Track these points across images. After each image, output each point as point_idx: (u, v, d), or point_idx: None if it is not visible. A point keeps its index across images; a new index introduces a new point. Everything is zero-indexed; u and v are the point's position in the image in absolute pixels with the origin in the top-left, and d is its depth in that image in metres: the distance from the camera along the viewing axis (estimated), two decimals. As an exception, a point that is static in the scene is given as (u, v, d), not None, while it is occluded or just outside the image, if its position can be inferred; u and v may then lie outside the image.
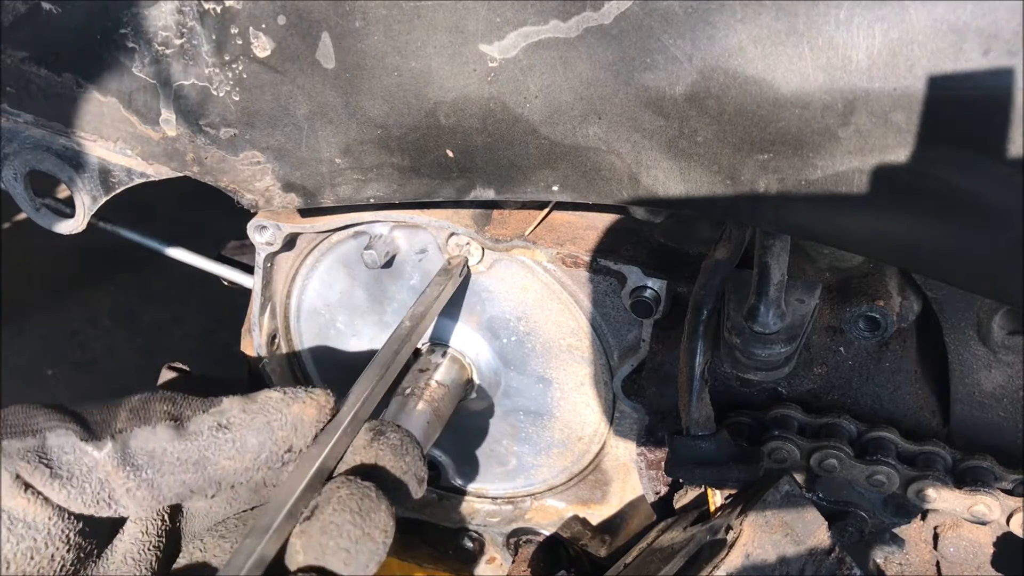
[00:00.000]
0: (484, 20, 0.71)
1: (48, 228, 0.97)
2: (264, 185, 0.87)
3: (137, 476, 0.63)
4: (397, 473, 0.68)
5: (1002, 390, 1.01)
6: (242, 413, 0.65)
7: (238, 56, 0.78)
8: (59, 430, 0.62)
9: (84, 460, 0.61)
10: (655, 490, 1.16)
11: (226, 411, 0.66)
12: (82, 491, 0.61)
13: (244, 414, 0.65)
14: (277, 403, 0.66)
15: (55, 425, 0.62)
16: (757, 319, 0.87)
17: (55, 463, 0.60)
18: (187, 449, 0.63)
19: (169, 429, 0.64)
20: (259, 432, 0.65)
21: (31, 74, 0.83)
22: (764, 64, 0.66)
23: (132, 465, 0.62)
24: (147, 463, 0.63)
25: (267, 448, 0.66)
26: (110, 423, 0.65)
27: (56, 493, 0.60)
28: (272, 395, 0.67)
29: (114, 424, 0.65)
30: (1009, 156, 0.62)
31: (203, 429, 0.65)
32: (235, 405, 0.66)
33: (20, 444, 0.59)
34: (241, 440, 0.65)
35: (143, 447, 0.63)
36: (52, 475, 0.60)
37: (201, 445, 0.64)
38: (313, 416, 0.67)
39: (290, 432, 0.66)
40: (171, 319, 2.77)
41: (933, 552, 1.13)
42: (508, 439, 1.22)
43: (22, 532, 0.58)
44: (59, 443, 0.61)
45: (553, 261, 1.02)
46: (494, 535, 1.31)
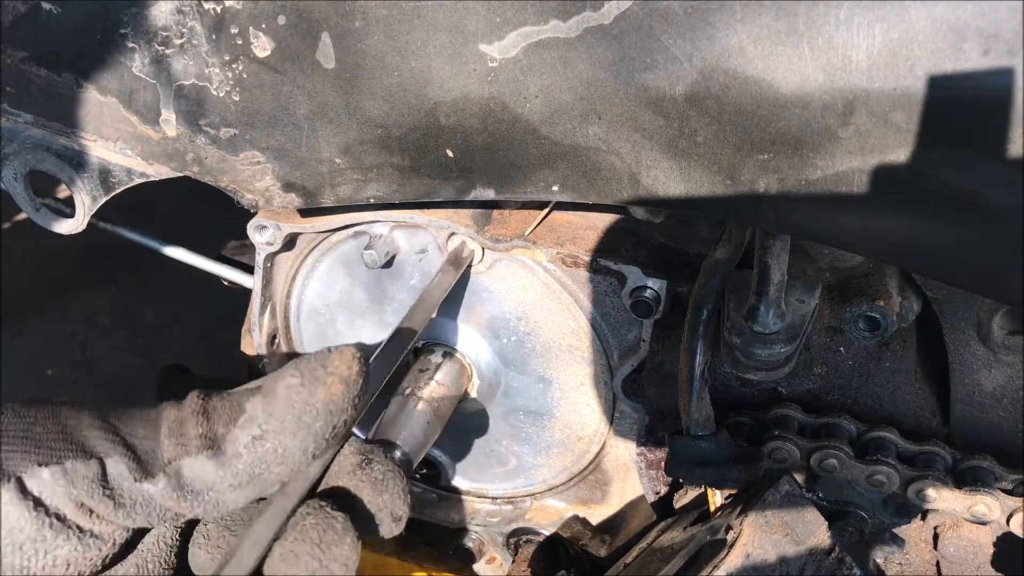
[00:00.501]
0: (484, 20, 0.71)
1: (48, 228, 0.97)
2: (264, 185, 0.87)
3: (201, 501, 0.64)
4: (372, 508, 0.67)
5: (1002, 390, 1.01)
6: (270, 418, 0.64)
7: (238, 56, 0.78)
8: (115, 457, 0.62)
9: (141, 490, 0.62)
10: (655, 490, 1.16)
11: (254, 419, 0.64)
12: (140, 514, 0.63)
13: (272, 418, 0.64)
14: (299, 393, 0.64)
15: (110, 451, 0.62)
16: (757, 319, 0.87)
17: (115, 492, 0.62)
18: (236, 474, 0.64)
19: (210, 460, 0.63)
20: (295, 433, 0.64)
21: (31, 74, 0.83)
22: (764, 64, 0.66)
23: (192, 492, 0.63)
24: (203, 489, 0.63)
25: (309, 443, 0.64)
26: (157, 452, 0.64)
27: (119, 519, 0.62)
28: (291, 382, 0.64)
29: (160, 453, 0.64)
30: (1009, 156, 0.62)
31: (240, 449, 0.64)
32: (259, 410, 0.64)
33: (84, 470, 0.60)
34: (282, 447, 0.64)
35: (196, 475, 0.63)
36: (116, 506, 0.61)
37: (247, 464, 0.64)
38: (341, 392, 0.65)
39: (325, 420, 0.64)
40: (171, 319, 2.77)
41: (933, 552, 1.13)
42: (508, 439, 1.22)
43: (90, 542, 0.60)
44: (119, 471, 0.62)
45: (553, 261, 1.02)
46: (494, 535, 1.31)
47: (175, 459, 0.63)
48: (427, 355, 1.13)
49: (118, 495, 0.62)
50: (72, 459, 0.60)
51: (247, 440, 0.63)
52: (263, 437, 0.63)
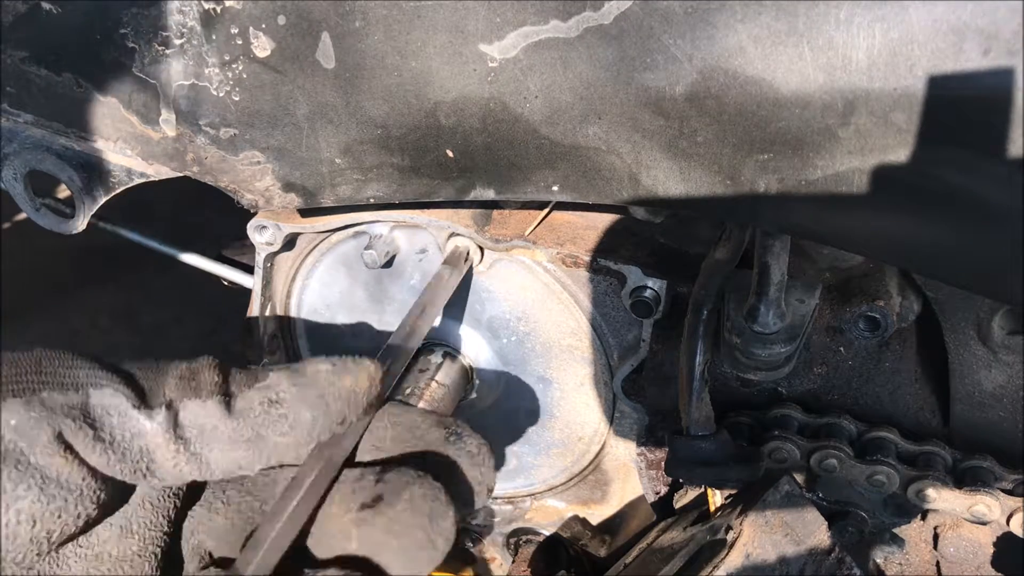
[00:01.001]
0: (484, 20, 0.71)
1: (48, 228, 0.97)
2: (264, 185, 0.87)
3: (187, 451, 0.59)
4: (473, 483, 0.64)
5: (1002, 390, 1.01)
6: (292, 387, 0.62)
7: (238, 56, 0.78)
8: (107, 389, 0.58)
9: (130, 426, 0.58)
10: (655, 490, 1.16)
11: (274, 385, 0.62)
12: (122, 458, 0.58)
13: (295, 388, 0.62)
14: (328, 375, 0.63)
15: (102, 382, 0.59)
16: (757, 319, 0.87)
17: (99, 424, 0.57)
18: (239, 427, 0.60)
19: (220, 405, 0.60)
20: (313, 406, 0.62)
21: (31, 74, 0.83)
22: (764, 64, 0.66)
23: (182, 439, 0.59)
24: (197, 438, 0.60)
25: (320, 422, 0.62)
26: (159, 390, 0.61)
27: (96, 457, 0.57)
28: (321, 367, 0.63)
29: (163, 391, 0.61)
30: (1009, 156, 0.62)
31: (254, 405, 0.61)
32: (283, 379, 0.62)
33: (63, 399, 0.56)
34: (295, 415, 0.61)
35: (194, 421, 0.60)
36: (95, 437, 0.57)
37: (254, 422, 0.61)
38: (365, 387, 0.64)
39: (343, 405, 0.63)
40: (171, 319, 2.77)
41: (933, 552, 1.13)
42: (508, 439, 1.22)
43: (54, 492, 0.55)
44: (105, 403, 0.58)
45: (553, 261, 1.02)
46: (494, 535, 1.31)
47: (178, 399, 0.60)
48: (427, 355, 1.13)
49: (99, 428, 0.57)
50: (49, 391, 0.56)
51: (261, 399, 0.61)
52: (279, 402, 0.61)
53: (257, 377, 0.63)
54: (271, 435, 0.61)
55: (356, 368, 0.64)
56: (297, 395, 0.61)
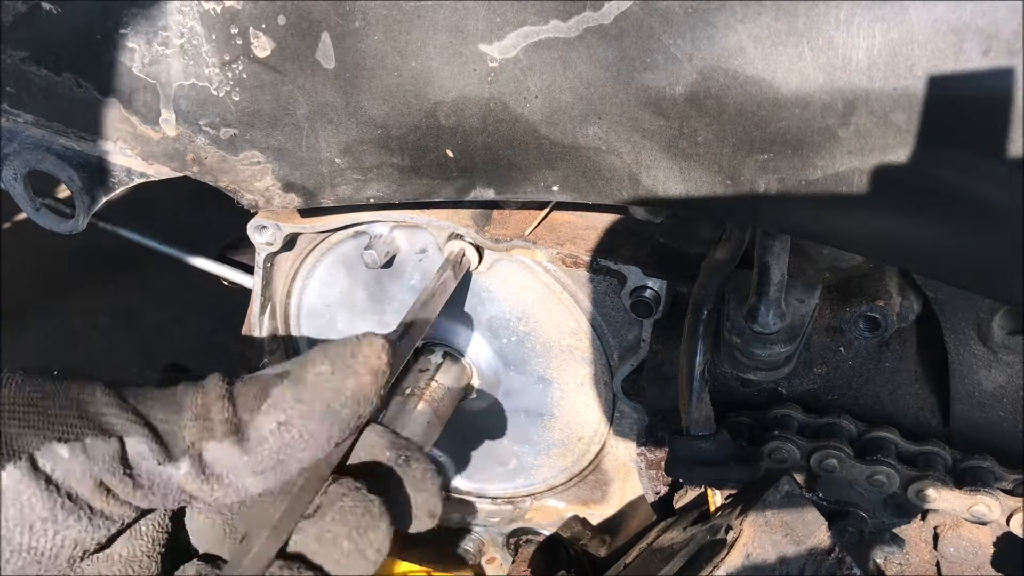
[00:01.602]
0: (484, 20, 0.71)
1: (48, 228, 0.97)
2: (264, 185, 0.87)
3: (220, 484, 0.63)
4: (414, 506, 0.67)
5: (1002, 390, 1.01)
6: (298, 404, 0.63)
7: (238, 56, 0.78)
8: (138, 439, 0.61)
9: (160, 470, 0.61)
10: (655, 490, 1.16)
11: (280, 405, 0.63)
12: (155, 495, 0.62)
13: (301, 404, 0.63)
14: (329, 381, 0.63)
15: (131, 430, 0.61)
16: (757, 319, 0.87)
17: (136, 471, 0.61)
18: (259, 461, 0.63)
19: (235, 445, 0.62)
20: (323, 420, 0.63)
21: (31, 74, 0.83)
22: (764, 64, 0.66)
23: (214, 475, 0.62)
24: (226, 471, 0.63)
25: (335, 431, 0.64)
26: (180, 434, 0.63)
27: (137, 499, 0.61)
28: (321, 370, 0.64)
29: (184, 436, 0.63)
30: (1009, 156, 0.62)
31: (265, 434, 0.63)
32: (287, 396, 0.63)
33: (105, 447, 0.59)
34: (308, 433, 0.63)
35: (218, 458, 0.62)
36: (135, 485, 0.60)
37: (270, 451, 0.63)
38: (369, 382, 0.64)
39: (352, 408, 0.64)
40: (171, 319, 2.77)
41: (933, 552, 1.13)
42: (508, 439, 1.22)
43: (100, 523, 0.60)
44: (139, 450, 0.61)
45: (553, 261, 1.02)
46: (494, 535, 1.31)
47: (198, 442, 0.62)
48: (427, 355, 1.13)
49: (137, 475, 0.60)
50: (92, 437, 0.59)
51: (272, 426, 0.63)
52: (289, 423, 0.62)
53: (262, 393, 0.64)
54: (292, 456, 0.63)
55: (358, 367, 0.64)
56: (305, 411, 0.63)
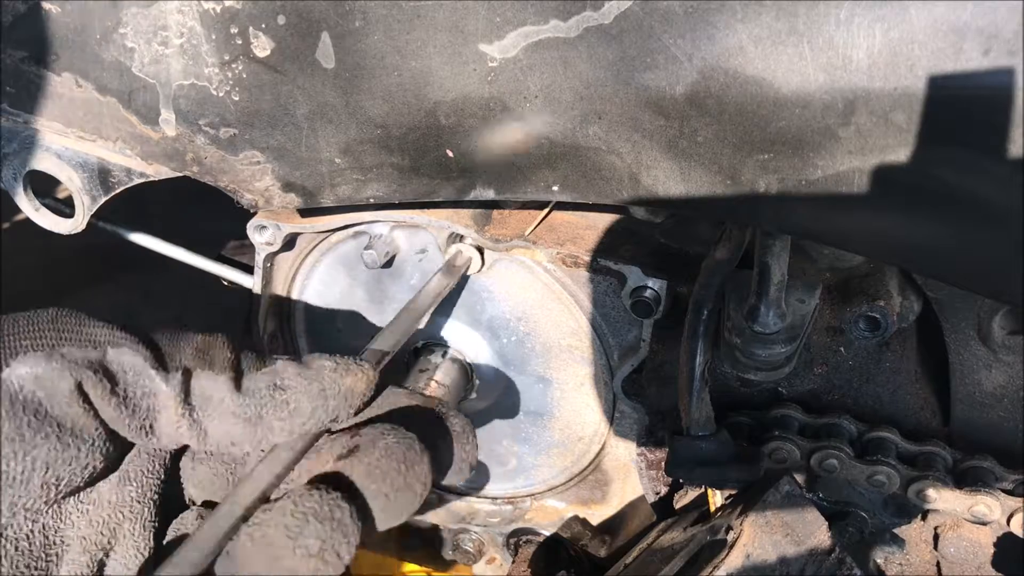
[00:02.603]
0: (484, 20, 0.71)
1: (48, 228, 0.97)
2: (264, 185, 0.87)
3: (190, 417, 0.63)
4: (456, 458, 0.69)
5: (1002, 390, 1.01)
6: (297, 377, 0.65)
7: (238, 56, 0.77)
8: (125, 348, 0.61)
9: (143, 384, 0.61)
10: (655, 490, 1.16)
11: (281, 372, 0.66)
12: (131, 414, 0.61)
13: (300, 378, 0.65)
14: (331, 372, 0.66)
15: (120, 342, 0.62)
16: (757, 319, 0.87)
17: (115, 380, 0.60)
18: (244, 405, 0.64)
19: (230, 381, 0.64)
20: (313, 398, 0.65)
21: (31, 74, 0.83)
22: (764, 64, 0.66)
23: (189, 405, 0.63)
24: (202, 407, 0.63)
25: (317, 415, 0.66)
26: (176, 356, 0.65)
27: (110, 411, 0.60)
28: (325, 363, 0.67)
29: (180, 359, 0.65)
30: (1009, 156, 0.62)
31: (260, 387, 0.65)
32: (290, 368, 0.66)
33: (82, 353, 0.59)
34: (296, 403, 0.65)
35: (203, 391, 0.63)
36: (112, 391, 0.60)
37: (258, 403, 0.64)
38: (362, 389, 0.68)
39: (338, 403, 0.66)
40: (171, 319, 2.76)
41: (933, 552, 1.13)
42: (508, 439, 1.22)
43: (68, 441, 0.58)
44: (122, 361, 0.61)
45: (553, 261, 1.02)
46: (494, 535, 1.31)
47: (192, 367, 0.64)
48: (427, 355, 1.13)
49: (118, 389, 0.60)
50: (69, 345, 0.59)
51: (267, 382, 0.65)
52: (283, 388, 0.65)
53: (265, 362, 0.68)
54: (270, 417, 0.64)
55: (356, 370, 0.67)
56: (301, 386, 0.65)
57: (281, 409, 0.64)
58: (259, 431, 0.65)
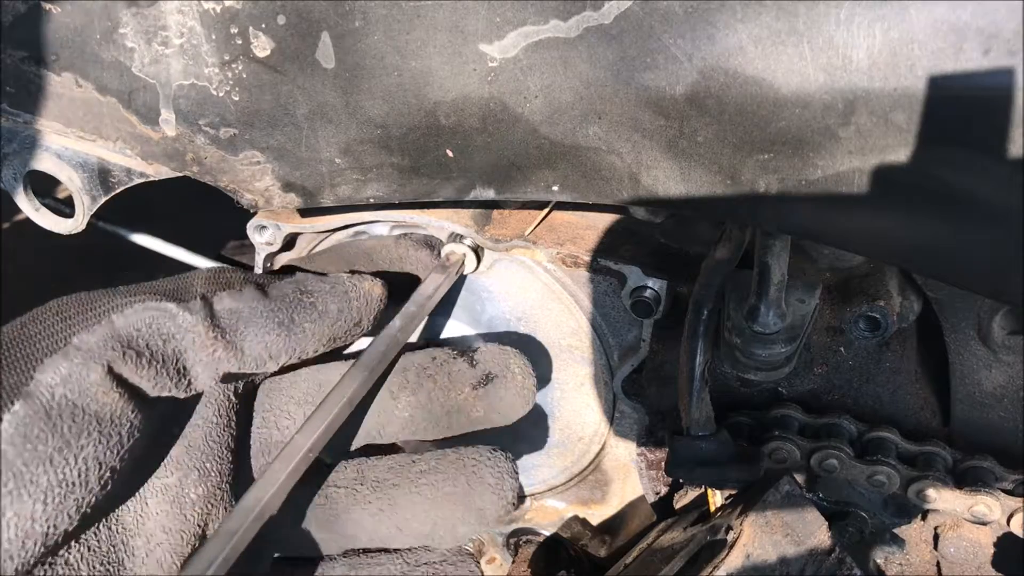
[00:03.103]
0: (484, 20, 0.71)
1: (48, 228, 0.97)
2: (264, 185, 0.87)
3: (223, 338, 0.62)
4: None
5: (1003, 390, 1.01)
6: (320, 283, 0.68)
7: (238, 56, 0.77)
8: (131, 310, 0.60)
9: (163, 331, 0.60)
10: (655, 490, 1.16)
11: (302, 280, 0.68)
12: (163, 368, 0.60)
13: (322, 283, 0.68)
14: (350, 280, 0.70)
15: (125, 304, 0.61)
16: (757, 319, 0.87)
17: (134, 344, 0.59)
18: (275, 308, 0.65)
19: (256, 290, 0.65)
20: (339, 299, 0.68)
21: (31, 74, 0.83)
22: (764, 64, 0.66)
23: (219, 327, 0.62)
24: (233, 324, 0.63)
25: (344, 316, 0.68)
26: (190, 288, 0.65)
27: (145, 375, 0.59)
28: (343, 276, 0.70)
29: (195, 289, 0.66)
30: (1009, 156, 0.62)
31: (287, 291, 0.67)
32: (311, 278, 0.69)
33: (95, 338, 0.57)
34: (323, 305, 0.67)
35: (230, 307, 0.63)
36: (137, 357, 0.58)
37: (288, 306, 0.65)
38: (379, 294, 0.71)
39: (363, 304, 0.70)
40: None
41: (933, 552, 1.13)
42: (508, 439, 1.22)
43: (111, 432, 0.57)
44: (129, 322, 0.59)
45: (553, 261, 1.02)
46: (494, 535, 1.31)
47: (209, 294, 0.64)
48: (427, 355, 1.13)
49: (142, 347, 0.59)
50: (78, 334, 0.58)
51: (293, 289, 0.67)
52: (309, 292, 0.67)
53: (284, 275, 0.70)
54: (302, 320, 0.66)
55: (370, 278, 0.72)
56: (326, 289, 0.68)
57: (311, 311, 0.66)
58: (292, 337, 0.65)
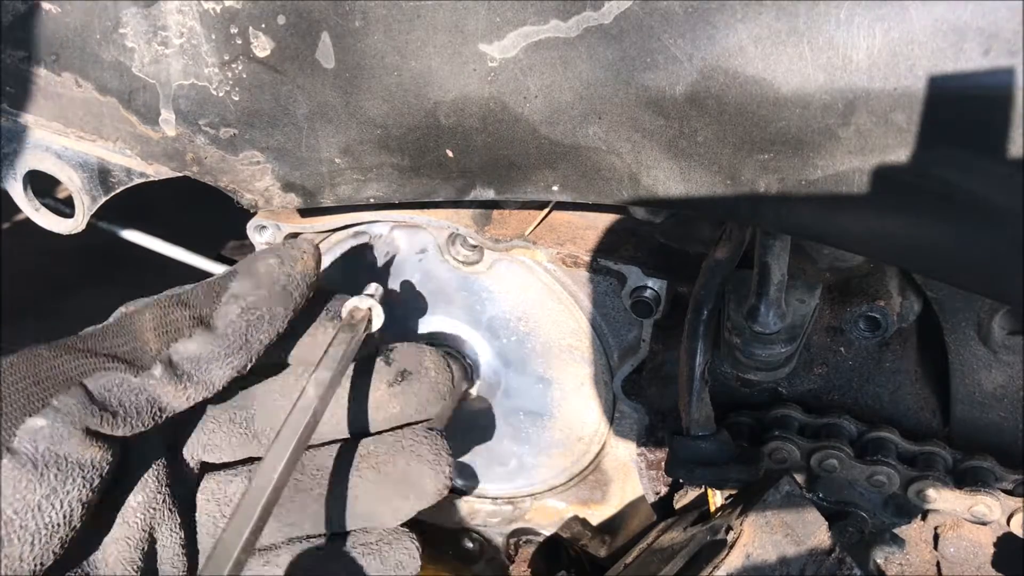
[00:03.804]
0: (484, 20, 0.71)
1: (48, 228, 0.97)
2: (264, 185, 0.87)
3: (191, 382, 0.66)
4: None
5: (1002, 390, 1.01)
6: (257, 290, 0.70)
7: (238, 56, 0.77)
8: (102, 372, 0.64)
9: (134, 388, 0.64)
10: (655, 490, 1.16)
11: (240, 293, 0.70)
12: (137, 416, 0.64)
13: (260, 290, 0.70)
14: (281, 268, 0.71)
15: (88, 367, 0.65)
16: (757, 319, 0.87)
17: (108, 403, 0.63)
18: (230, 340, 0.68)
19: (205, 332, 0.68)
20: (280, 300, 0.70)
21: (31, 74, 0.83)
22: (764, 64, 0.66)
23: (184, 374, 0.66)
24: (195, 366, 0.66)
25: (291, 309, 0.71)
26: (144, 348, 0.68)
27: (120, 430, 0.63)
28: (271, 262, 0.72)
29: (148, 348, 0.68)
30: (1009, 156, 0.62)
31: (233, 318, 0.68)
32: (245, 286, 0.70)
33: (72, 400, 0.62)
34: (271, 313, 0.70)
35: (187, 355, 0.66)
36: (113, 416, 0.63)
37: (239, 331, 0.68)
38: (312, 266, 0.74)
39: (301, 290, 0.72)
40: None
41: (933, 552, 1.13)
42: (508, 439, 1.22)
43: (92, 475, 0.62)
44: (104, 383, 0.64)
45: (553, 261, 1.02)
46: (494, 535, 1.31)
47: (163, 347, 0.67)
48: (427, 355, 1.13)
49: (114, 408, 0.63)
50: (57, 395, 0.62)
51: (237, 311, 0.69)
52: (252, 307, 0.69)
53: (216, 288, 0.71)
54: (256, 336, 0.69)
55: (299, 255, 0.73)
56: (264, 296, 0.70)
57: (260, 324, 0.69)
58: (254, 351, 0.69)
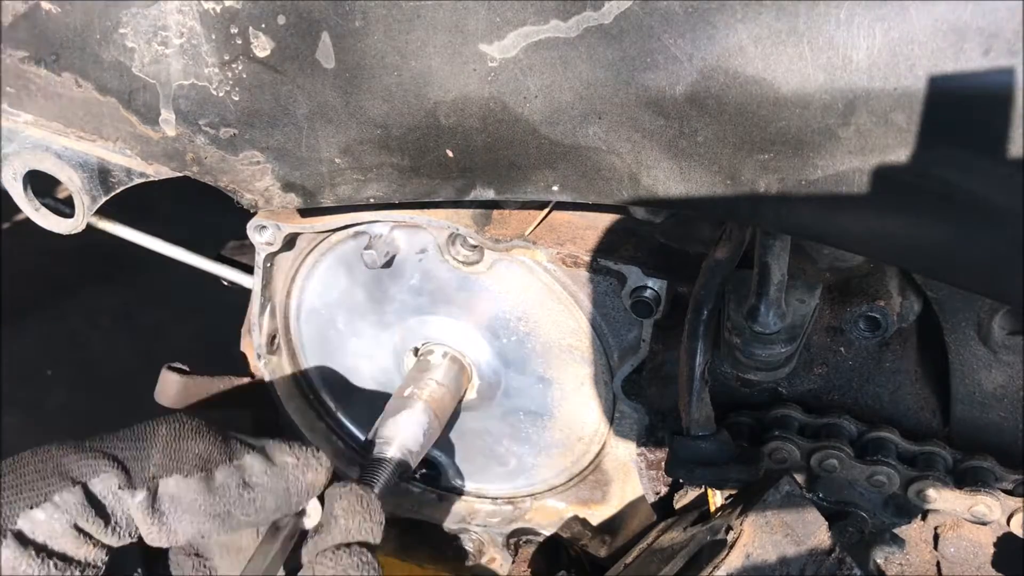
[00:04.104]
0: (484, 20, 0.71)
1: (48, 228, 0.97)
2: (264, 185, 0.87)
3: (159, 523, 0.70)
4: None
5: (1003, 390, 1.01)
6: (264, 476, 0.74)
7: (238, 56, 0.77)
8: (101, 475, 0.69)
9: (120, 502, 0.69)
10: (655, 490, 1.16)
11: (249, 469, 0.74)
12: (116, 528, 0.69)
13: (266, 477, 0.74)
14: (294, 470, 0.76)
15: (100, 469, 0.69)
16: (757, 319, 0.87)
17: (101, 507, 0.68)
18: (215, 504, 0.71)
19: (201, 482, 0.71)
20: (278, 496, 0.75)
21: (31, 74, 0.83)
22: (764, 64, 0.66)
23: (159, 511, 0.70)
24: (171, 510, 0.71)
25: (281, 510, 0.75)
26: (144, 466, 0.71)
27: (107, 537, 0.69)
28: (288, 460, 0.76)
29: (148, 466, 0.71)
30: (1009, 156, 0.62)
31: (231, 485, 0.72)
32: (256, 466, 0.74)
33: (73, 498, 0.67)
34: (262, 501, 0.74)
35: (172, 494, 0.70)
36: (106, 523, 0.68)
37: (227, 501, 0.72)
38: (322, 483, 0.78)
39: (301, 498, 0.77)
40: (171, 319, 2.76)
41: (933, 552, 1.13)
42: (508, 439, 1.22)
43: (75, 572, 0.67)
44: (102, 488, 0.69)
45: (553, 261, 1.02)
46: (494, 535, 1.31)
47: (160, 476, 0.71)
48: (427, 355, 1.13)
49: (106, 512, 0.68)
50: (59, 491, 0.66)
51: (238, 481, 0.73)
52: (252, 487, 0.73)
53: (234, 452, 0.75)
54: (238, 514, 0.73)
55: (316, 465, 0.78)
56: (268, 485, 0.74)
57: (249, 507, 0.73)
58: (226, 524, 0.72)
